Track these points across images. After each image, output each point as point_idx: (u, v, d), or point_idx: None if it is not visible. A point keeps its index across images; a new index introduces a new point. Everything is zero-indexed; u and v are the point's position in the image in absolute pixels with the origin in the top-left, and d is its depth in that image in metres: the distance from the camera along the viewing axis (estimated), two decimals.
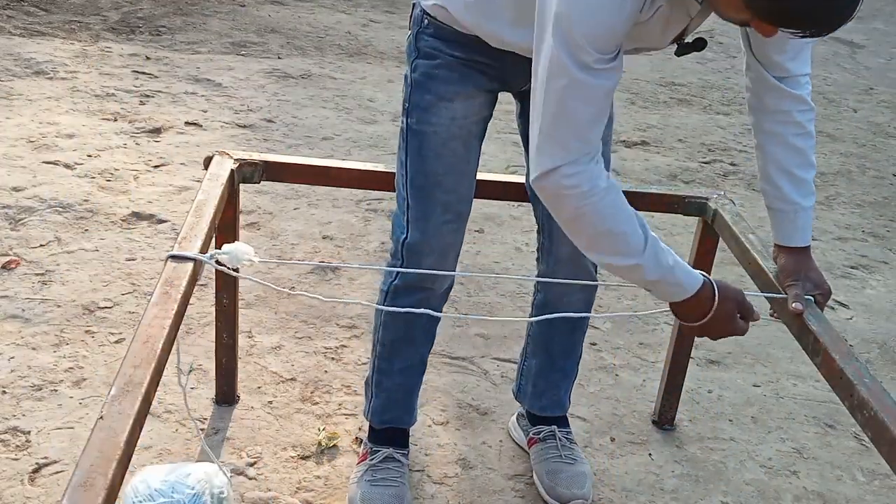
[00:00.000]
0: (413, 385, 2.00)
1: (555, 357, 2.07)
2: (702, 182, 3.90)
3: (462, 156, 1.81)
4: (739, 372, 2.62)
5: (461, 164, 1.82)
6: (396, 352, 1.95)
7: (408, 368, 1.97)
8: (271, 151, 3.68)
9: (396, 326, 1.92)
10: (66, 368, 2.28)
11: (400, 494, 1.92)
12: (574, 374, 2.12)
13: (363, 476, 1.95)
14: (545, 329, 2.06)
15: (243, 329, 2.46)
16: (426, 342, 1.98)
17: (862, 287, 3.17)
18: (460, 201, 1.84)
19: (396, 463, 1.97)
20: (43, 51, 4.53)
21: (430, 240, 1.82)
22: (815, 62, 5.85)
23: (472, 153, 1.82)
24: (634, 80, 5.17)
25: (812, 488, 2.18)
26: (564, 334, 2.06)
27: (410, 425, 2.04)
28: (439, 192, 1.81)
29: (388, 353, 1.95)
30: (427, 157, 1.79)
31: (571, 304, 1.99)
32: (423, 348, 1.98)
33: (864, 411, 1.43)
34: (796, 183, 1.73)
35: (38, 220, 2.97)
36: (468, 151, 1.81)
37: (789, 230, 1.77)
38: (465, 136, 1.80)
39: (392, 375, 1.96)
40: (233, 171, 1.96)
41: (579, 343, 2.10)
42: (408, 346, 1.95)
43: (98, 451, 1.11)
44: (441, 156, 1.79)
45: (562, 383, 2.10)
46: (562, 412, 2.12)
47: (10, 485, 1.91)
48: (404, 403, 2.00)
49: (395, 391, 1.98)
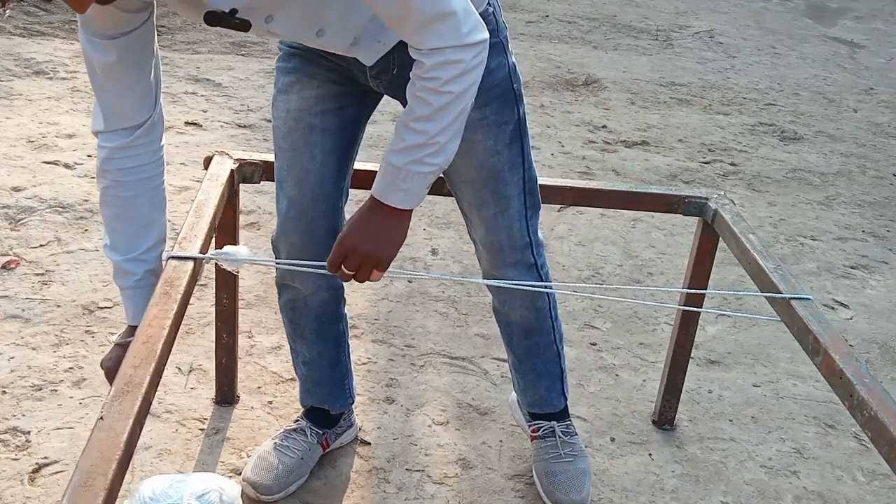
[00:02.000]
0: (320, 378, 2.05)
1: (520, 358, 2.06)
2: (702, 182, 3.90)
3: (302, 150, 1.78)
4: (739, 372, 2.62)
5: (303, 159, 1.79)
6: (294, 344, 2.04)
7: (309, 362, 2.04)
8: (271, 151, 3.67)
9: (284, 322, 2.02)
10: (66, 368, 2.28)
11: (293, 466, 1.99)
12: (555, 375, 2.07)
13: (274, 438, 2.05)
14: (503, 331, 2.06)
15: (243, 329, 2.46)
16: (320, 340, 2.00)
17: (862, 287, 3.17)
18: (304, 199, 1.81)
19: (304, 437, 2.04)
20: (43, 51, 4.53)
21: (281, 237, 1.87)
22: (815, 62, 5.86)
23: (316, 148, 1.78)
24: (634, 80, 5.17)
25: (812, 488, 2.18)
26: (521, 338, 2.03)
27: (335, 409, 2.08)
28: (285, 188, 1.83)
29: (291, 343, 2.05)
30: (275, 151, 1.84)
31: (514, 311, 1.99)
32: (320, 345, 2.01)
33: (864, 411, 1.43)
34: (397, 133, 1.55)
35: (38, 220, 2.97)
36: (310, 146, 1.78)
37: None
38: (304, 129, 1.76)
39: (299, 366, 2.06)
40: (233, 171, 1.96)
41: (544, 344, 2.03)
42: (301, 340, 2.02)
43: (98, 451, 1.12)
44: (282, 150, 1.81)
45: (539, 382, 2.07)
46: (551, 409, 2.09)
47: (10, 485, 1.91)
48: (317, 392, 2.07)
49: (305, 381, 2.07)
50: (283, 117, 1.79)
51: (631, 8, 6.72)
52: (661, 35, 6.16)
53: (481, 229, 1.87)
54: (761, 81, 5.40)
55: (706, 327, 2.78)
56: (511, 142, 1.79)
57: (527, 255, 1.89)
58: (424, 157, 1.49)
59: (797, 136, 4.58)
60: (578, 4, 6.61)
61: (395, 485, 2.05)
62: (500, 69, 1.74)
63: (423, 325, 2.67)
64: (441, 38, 1.41)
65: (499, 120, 1.76)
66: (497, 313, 2.05)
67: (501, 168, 1.80)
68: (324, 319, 1.98)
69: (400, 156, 1.49)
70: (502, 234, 1.86)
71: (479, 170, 1.79)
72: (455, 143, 1.52)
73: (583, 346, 2.63)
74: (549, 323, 2.01)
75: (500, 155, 1.79)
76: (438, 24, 1.40)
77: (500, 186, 1.81)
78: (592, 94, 4.90)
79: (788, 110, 4.95)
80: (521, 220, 1.86)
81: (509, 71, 1.76)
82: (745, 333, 2.81)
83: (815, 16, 7.08)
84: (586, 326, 2.73)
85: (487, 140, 1.77)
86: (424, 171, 1.51)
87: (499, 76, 1.74)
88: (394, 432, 2.21)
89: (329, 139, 1.78)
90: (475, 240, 1.92)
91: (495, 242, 1.87)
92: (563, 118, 4.48)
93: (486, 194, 1.82)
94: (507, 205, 1.83)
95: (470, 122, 1.63)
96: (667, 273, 3.12)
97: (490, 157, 1.78)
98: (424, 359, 2.51)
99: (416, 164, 1.49)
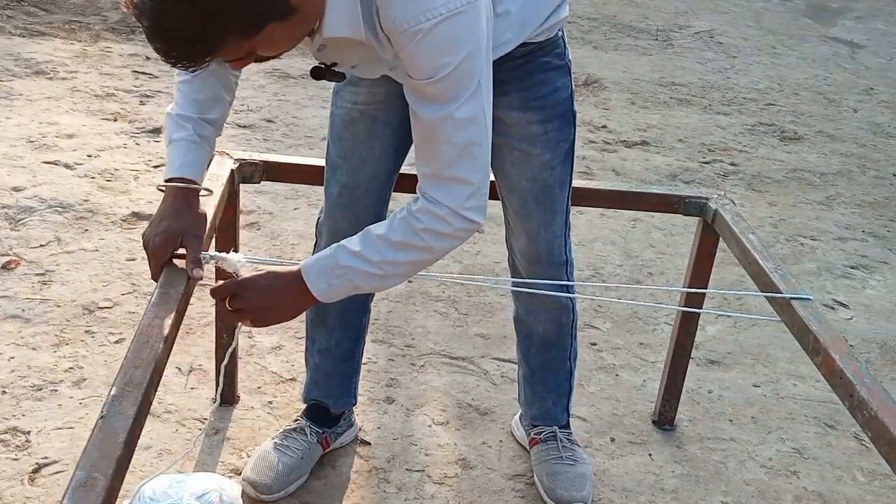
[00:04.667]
0: (332, 369, 2.05)
1: (534, 370, 2.09)
2: (702, 182, 3.90)
3: (363, 140, 1.81)
4: (739, 372, 2.62)
5: (362, 149, 1.82)
6: (314, 331, 2.04)
7: (325, 351, 2.04)
8: (271, 151, 3.68)
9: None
10: (66, 368, 2.28)
11: (293, 466, 1.98)
12: (563, 390, 2.10)
13: (274, 437, 2.05)
14: (522, 341, 2.09)
15: (243, 329, 2.46)
16: (342, 328, 2.01)
17: (862, 287, 3.17)
18: (357, 187, 1.85)
19: (304, 436, 2.04)
20: (43, 51, 4.53)
21: (327, 221, 1.90)
22: (815, 62, 5.86)
23: (376, 140, 1.81)
24: (635, 81, 5.17)
25: (812, 488, 2.18)
26: (539, 350, 2.06)
27: (337, 408, 2.08)
28: (339, 175, 1.85)
29: (309, 330, 2.05)
30: (332, 138, 1.86)
31: (538, 323, 2.02)
32: (340, 334, 2.02)
33: (864, 411, 1.43)
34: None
35: (38, 220, 2.97)
36: (371, 138, 1.81)
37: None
38: (369, 121, 1.79)
39: (313, 354, 2.06)
40: (233, 171, 1.96)
41: (560, 360, 2.07)
42: (321, 327, 2.02)
43: (98, 451, 1.12)
44: (342, 139, 1.83)
45: (548, 396, 2.10)
46: (554, 424, 2.11)
47: (10, 485, 1.91)
48: (325, 384, 2.06)
49: (315, 371, 2.07)
50: (348, 108, 1.81)
51: (631, 8, 6.72)
52: (661, 35, 6.16)
53: (523, 240, 1.91)
54: (761, 81, 5.40)
55: (706, 327, 2.78)
56: (565, 160, 1.84)
57: (561, 272, 1.94)
58: (368, 273, 1.51)
59: (797, 136, 4.58)
60: (578, 4, 6.61)
61: (395, 485, 2.05)
62: (565, 89, 1.81)
63: (424, 325, 2.67)
64: (446, 195, 1.47)
65: (559, 137, 1.81)
66: (519, 322, 2.07)
67: (553, 184, 1.84)
68: (351, 307, 1.99)
69: (351, 258, 1.51)
70: (542, 248, 1.90)
71: (531, 182, 1.83)
72: (394, 283, 1.58)
73: (583, 346, 2.63)
74: (569, 340, 2.05)
75: (553, 171, 1.83)
76: (451, 183, 1.47)
77: (549, 201, 1.86)
78: (592, 94, 4.90)
79: (788, 110, 4.95)
80: (562, 236, 1.91)
81: (571, 93, 1.83)
82: (745, 333, 2.81)
83: (815, 16, 7.08)
84: (586, 326, 2.73)
85: (545, 154, 1.81)
86: (357, 284, 1.53)
87: (563, 95, 1.80)
88: (394, 432, 2.21)
89: (390, 133, 1.82)
90: (513, 248, 1.95)
91: (534, 253, 1.91)
92: None
93: (532, 206, 1.86)
94: (552, 220, 1.88)
95: (531, 136, 1.75)
96: (667, 273, 3.12)
97: (543, 172, 1.83)
98: (424, 359, 2.51)
99: (358, 275, 1.51)
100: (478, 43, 1.40)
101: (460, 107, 1.41)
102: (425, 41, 1.34)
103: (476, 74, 1.41)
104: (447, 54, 1.37)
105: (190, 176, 1.62)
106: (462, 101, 1.41)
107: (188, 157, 1.63)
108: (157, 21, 1.19)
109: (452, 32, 1.35)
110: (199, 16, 1.18)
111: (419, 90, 1.43)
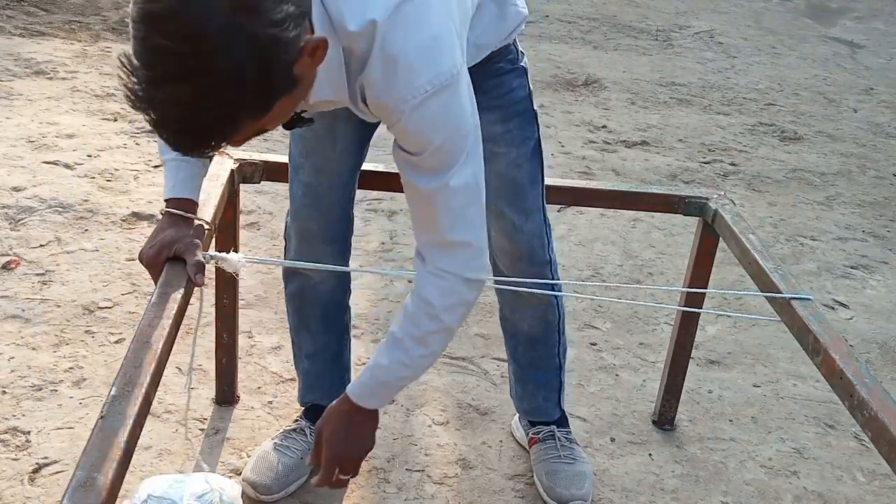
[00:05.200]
0: (322, 371, 2.06)
1: (523, 367, 2.09)
2: (702, 182, 3.90)
3: (324, 138, 1.80)
4: (739, 372, 2.62)
5: (324, 147, 1.81)
6: (298, 338, 2.05)
7: (312, 355, 2.05)
8: (271, 151, 3.67)
9: (289, 313, 2.04)
10: (66, 368, 2.28)
11: (293, 466, 1.99)
12: (553, 386, 2.10)
13: (274, 438, 2.06)
14: (509, 339, 2.09)
15: (243, 329, 2.46)
16: (325, 331, 2.02)
17: (862, 287, 3.17)
18: (321, 185, 1.84)
19: (304, 436, 2.05)
20: (43, 51, 4.53)
21: (294, 223, 1.90)
22: (815, 62, 5.86)
23: (337, 136, 1.80)
24: (634, 81, 5.17)
25: (812, 488, 2.18)
26: (526, 348, 2.06)
27: None
28: (301, 174, 1.85)
29: (294, 338, 2.07)
30: (294, 137, 1.85)
31: (524, 321, 2.02)
32: (324, 337, 2.03)
33: (864, 411, 1.43)
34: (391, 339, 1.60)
35: (38, 220, 2.97)
36: (332, 134, 1.80)
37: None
38: (329, 117, 1.76)
39: (302, 360, 2.07)
40: (233, 171, 1.96)
41: (548, 356, 2.07)
42: (305, 334, 2.03)
43: (98, 451, 1.12)
44: (303, 137, 1.82)
45: (538, 392, 2.10)
46: (546, 419, 2.12)
47: (10, 485, 1.91)
48: (318, 387, 2.07)
49: (306, 376, 2.08)
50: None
51: (631, 8, 6.72)
52: (661, 35, 6.16)
53: (503, 239, 1.90)
54: (761, 81, 5.40)
55: (706, 327, 2.78)
56: (532, 157, 1.84)
57: (546, 271, 1.93)
58: (407, 376, 1.61)
59: (797, 136, 4.58)
60: (578, 4, 6.61)
61: (395, 485, 2.05)
62: (522, 89, 1.81)
63: None
64: (449, 261, 1.48)
65: (522, 135, 1.81)
66: (505, 321, 2.07)
67: (522, 182, 1.84)
68: (330, 308, 2.00)
69: (387, 372, 1.58)
70: (523, 247, 1.90)
71: (499, 178, 1.82)
72: (432, 363, 1.64)
73: (583, 346, 2.63)
74: (556, 336, 2.05)
75: (520, 168, 1.83)
76: (453, 249, 1.48)
77: (520, 199, 1.86)
78: (592, 94, 4.90)
79: (788, 110, 4.95)
80: (542, 236, 1.91)
81: (529, 93, 1.83)
82: (745, 333, 2.81)
83: (815, 16, 7.07)
84: (586, 326, 2.73)
85: (511, 152, 1.81)
86: (401, 385, 1.65)
87: (520, 94, 1.81)
88: (394, 432, 2.21)
89: (351, 129, 1.81)
90: (492, 247, 1.94)
91: (515, 252, 1.91)
92: (563, 118, 4.48)
93: (504, 204, 1.85)
94: (527, 218, 1.87)
95: (494, 136, 1.74)
96: (667, 273, 3.12)
97: (512, 170, 1.82)
98: None
99: (399, 379, 1.61)
100: (464, 110, 1.40)
101: (455, 174, 1.42)
102: (415, 116, 1.34)
103: (468, 140, 1.42)
104: (438, 128, 1.37)
105: (183, 195, 1.62)
106: (456, 168, 1.41)
107: (179, 176, 1.62)
108: (167, 113, 1.12)
109: (441, 105, 1.35)
110: (215, 105, 1.10)
111: (412, 163, 1.42)
